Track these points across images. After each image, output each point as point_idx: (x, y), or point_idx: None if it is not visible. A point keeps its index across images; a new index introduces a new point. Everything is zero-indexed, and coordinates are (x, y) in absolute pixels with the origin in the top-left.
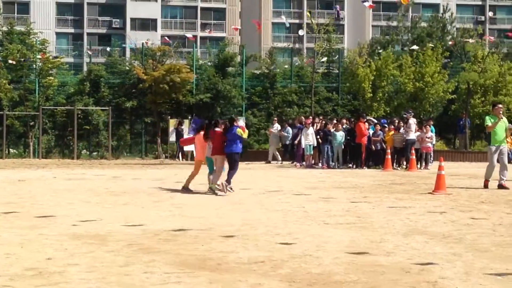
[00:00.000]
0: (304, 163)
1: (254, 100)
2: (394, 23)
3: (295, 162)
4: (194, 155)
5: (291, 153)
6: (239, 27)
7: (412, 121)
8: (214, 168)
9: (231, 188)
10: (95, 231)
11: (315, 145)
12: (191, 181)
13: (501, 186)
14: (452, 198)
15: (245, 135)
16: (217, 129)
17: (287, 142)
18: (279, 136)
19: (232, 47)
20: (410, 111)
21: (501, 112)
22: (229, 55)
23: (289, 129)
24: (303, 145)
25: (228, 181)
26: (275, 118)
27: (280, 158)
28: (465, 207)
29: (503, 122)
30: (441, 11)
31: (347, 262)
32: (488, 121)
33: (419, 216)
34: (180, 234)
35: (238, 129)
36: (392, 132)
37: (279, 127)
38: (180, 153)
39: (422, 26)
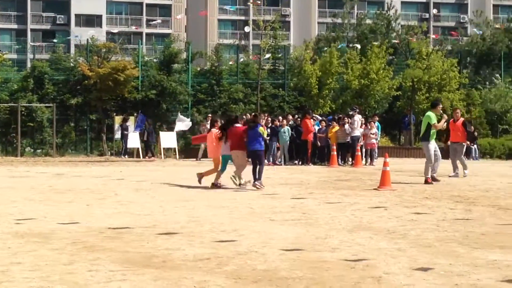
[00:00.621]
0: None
1: (200, 97)
2: (340, 20)
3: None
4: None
5: None
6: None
7: (358, 118)
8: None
9: (262, 184)
10: (38, 229)
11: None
12: (220, 176)
13: (434, 179)
14: (396, 194)
15: (265, 134)
16: (237, 124)
17: None
18: None
19: (178, 44)
20: (356, 108)
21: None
22: (175, 52)
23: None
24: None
25: (260, 177)
26: (209, 115)
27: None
28: (410, 202)
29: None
30: (386, 8)
31: (293, 258)
32: (434, 119)
33: (364, 212)
34: (125, 231)
35: (261, 128)
36: (336, 128)
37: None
38: (124, 149)
39: (367, 23)
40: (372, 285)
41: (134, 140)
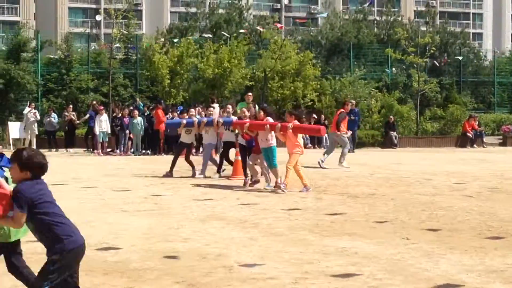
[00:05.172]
0: (100, 150)
1: (50, 87)
2: (193, 9)
3: (91, 150)
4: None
5: (86, 140)
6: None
7: (216, 106)
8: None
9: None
10: None
11: (109, 132)
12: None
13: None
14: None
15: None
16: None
17: (52, 129)
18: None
19: (26, 32)
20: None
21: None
22: (23, 40)
23: (55, 115)
24: (97, 132)
25: None
26: (33, 104)
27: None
28: (262, 192)
29: None
30: None
31: (144, 249)
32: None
33: (216, 202)
34: None
35: None
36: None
37: (34, 111)
38: None
39: (220, 12)
40: (223, 275)
41: (16, 131)
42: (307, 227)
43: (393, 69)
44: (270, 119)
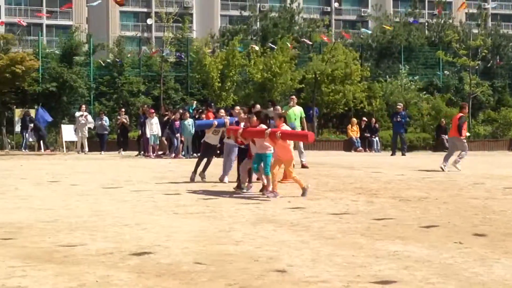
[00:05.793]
0: (151, 153)
1: (102, 90)
2: (247, 13)
3: (143, 153)
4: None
5: (138, 143)
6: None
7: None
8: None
9: None
10: None
11: (160, 135)
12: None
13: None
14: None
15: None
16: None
17: (103, 132)
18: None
19: (79, 36)
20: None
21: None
22: (76, 44)
23: (106, 118)
24: (148, 135)
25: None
26: (83, 107)
27: (86, 149)
28: (313, 195)
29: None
30: (289, 1)
31: (196, 251)
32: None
33: (267, 204)
34: (26, 226)
35: None
36: None
37: (85, 115)
38: (24, 142)
39: (272, 16)
40: (275, 277)
41: (69, 133)
42: (359, 230)
43: (445, 71)
44: (264, 126)
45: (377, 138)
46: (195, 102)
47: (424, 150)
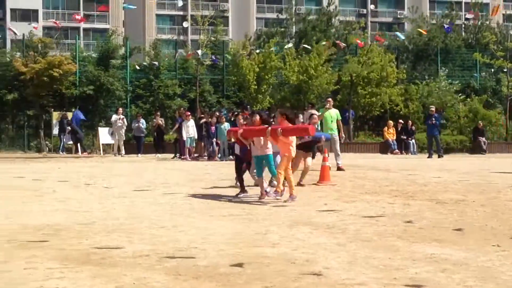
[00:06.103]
0: (188, 156)
1: (138, 93)
2: (285, 16)
3: (179, 156)
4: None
5: (175, 146)
6: (108, 11)
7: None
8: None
9: None
10: None
11: (196, 137)
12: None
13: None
14: (336, 189)
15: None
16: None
17: (140, 134)
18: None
19: (116, 39)
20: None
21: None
22: (113, 47)
23: (143, 121)
24: (184, 138)
25: None
26: (120, 109)
27: (123, 152)
28: (349, 197)
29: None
30: (325, 4)
31: (233, 254)
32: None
33: (303, 207)
34: (63, 228)
35: None
36: None
37: (121, 117)
38: (62, 145)
39: (309, 19)
40: (312, 280)
41: (106, 136)
42: (395, 233)
43: (482, 73)
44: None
45: (413, 140)
46: (225, 107)
47: (461, 152)
